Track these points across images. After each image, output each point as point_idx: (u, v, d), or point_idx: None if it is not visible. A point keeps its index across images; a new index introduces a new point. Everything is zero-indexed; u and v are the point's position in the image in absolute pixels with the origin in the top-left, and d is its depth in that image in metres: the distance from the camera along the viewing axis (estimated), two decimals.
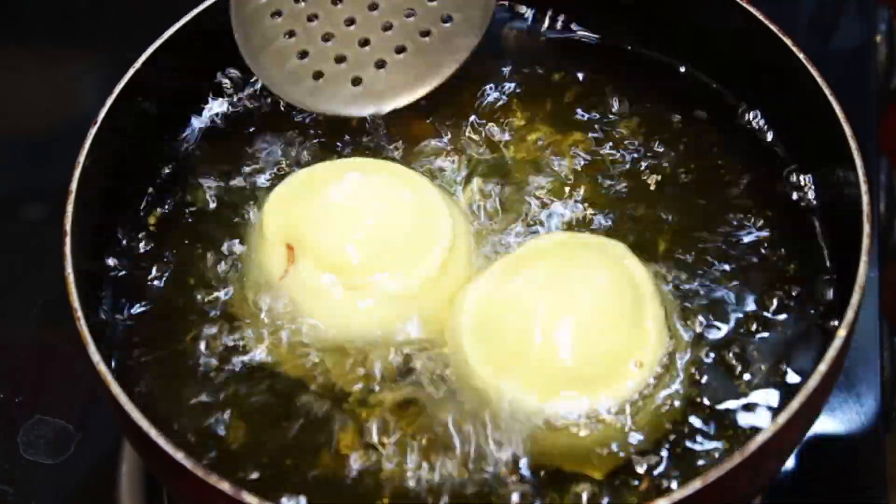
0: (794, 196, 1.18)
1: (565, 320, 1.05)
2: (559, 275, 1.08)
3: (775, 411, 1.05)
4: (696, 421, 1.06)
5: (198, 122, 1.26)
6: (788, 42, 1.15)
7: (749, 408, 1.07)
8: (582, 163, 1.21)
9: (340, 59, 1.21)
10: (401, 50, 1.21)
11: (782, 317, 1.11)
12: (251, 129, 1.26)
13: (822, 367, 0.99)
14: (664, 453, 1.04)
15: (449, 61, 1.20)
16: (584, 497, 1.02)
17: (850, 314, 1.01)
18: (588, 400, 1.04)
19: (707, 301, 1.12)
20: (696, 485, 0.93)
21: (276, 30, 1.21)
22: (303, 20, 1.21)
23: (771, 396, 1.07)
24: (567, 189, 1.19)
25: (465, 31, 1.20)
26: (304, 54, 1.21)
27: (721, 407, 1.06)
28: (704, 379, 1.08)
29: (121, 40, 1.41)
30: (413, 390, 1.08)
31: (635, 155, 1.22)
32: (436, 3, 1.20)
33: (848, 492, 1.27)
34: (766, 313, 1.11)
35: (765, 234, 1.16)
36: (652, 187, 1.20)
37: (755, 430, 0.98)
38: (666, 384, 1.06)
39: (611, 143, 1.23)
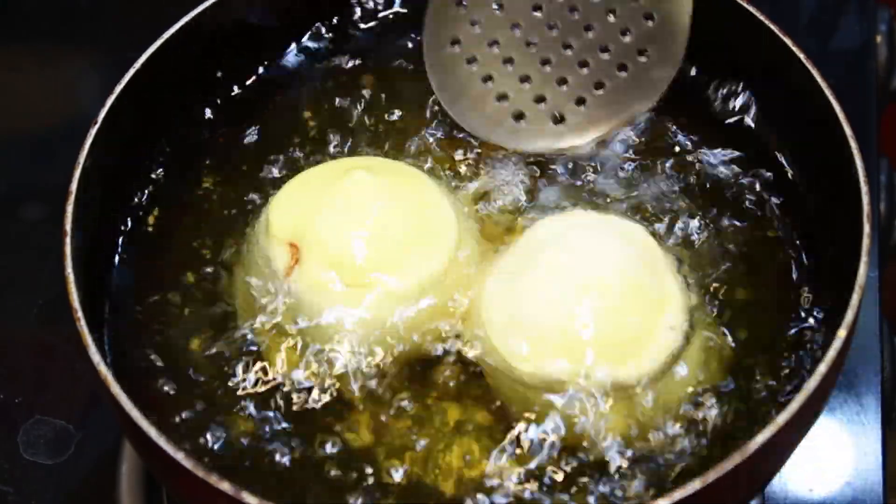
0: (794, 196, 1.18)
1: (596, 300, 1.05)
2: (575, 256, 1.08)
3: (775, 411, 1.05)
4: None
5: (199, 121, 1.26)
6: (788, 42, 1.15)
7: (749, 409, 1.07)
8: (581, 156, 1.21)
9: (540, 100, 1.20)
10: (599, 86, 1.19)
11: (782, 317, 1.11)
12: (254, 127, 1.25)
13: (822, 368, 0.98)
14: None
15: (647, 95, 1.19)
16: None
17: (850, 314, 1.00)
18: (631, 371, 1.04)
19: (706, 302, 1.12)
20: (695, 485, 0.93)
21: (472, 76, 1.20)
22: (498, 64, 1.20)
23: (770, 396, 1.07)
24: (566, 183, 1.20)
25: (662, 63, 1.18)
26: (502, 97, 1.20)
27: (719, 411, 1.07)
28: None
29: (121, 40, 1.38)
30: (423, 387, 1.08)
31: (633, 154, 1.21)
32: (630, 38, 1.18)
33: (848, 492, 1.27)
34: (765, 314, 1.11)
35: (764, 234, 1.16)
36: (648, 187, 1.19)
37: (754, 432, 0.97)
38: (693, 341, 1.08)
39: (611, 142, 1.22)
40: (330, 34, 1.31)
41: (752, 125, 1.23)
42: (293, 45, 1.31)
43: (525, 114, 1.20)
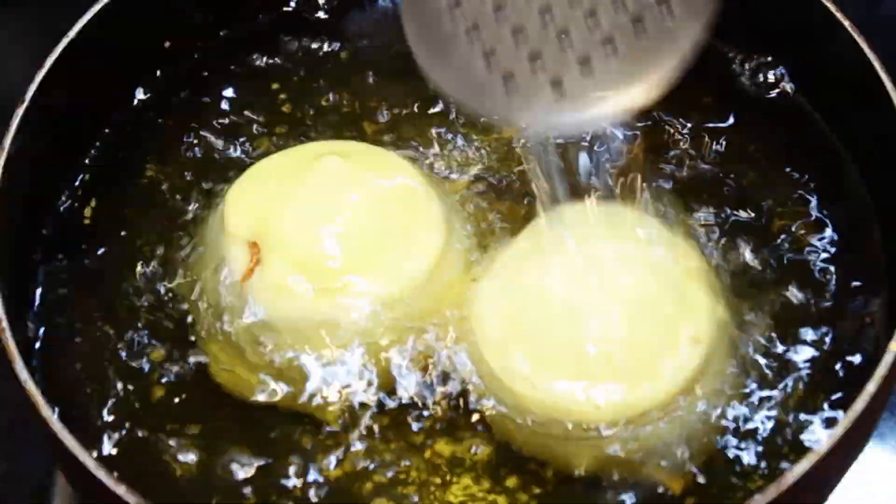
0: (839, 181, 1.15)
1: (607, 310, 1.02)
2: (584, 258, 1.04)
3: (816, 438, 1.01)
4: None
5: (142, 99, 1.23)
6: (832, 7, 1.13)
7: (788, 435, 1.02)
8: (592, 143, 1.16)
9: (535, 57, 1.07)
10: (608, 42, 1.05)
11: (830, 329, 1.07)
12: (208, 105, 1.23)
13: (871, 387, 0.95)
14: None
15: (668, 57, 1.03)
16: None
17: None
18: (647, 394, 0.99)
19: (753, 314, 1.08)
20: None
21: (455, 23, 1.07)
22: (486, 8, 1.05)
23: (812, 420, 1.03)
24: (575, 170, 1.13)
25: (686, 18, 1.03)
26: (490, 52, 1.06)
27: (752, 439, 1.02)
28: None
29: (52, 8, 1.28)
30: (404, 410, 1.04)
31: (665, 131, 1.18)
32: None
33: None
34: (812, 325, 1.07)
35: (813, 237, 1.12)
36: (686, 167, 1.16)
37: (792, 462, 0.93)
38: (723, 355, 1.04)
39: (626, 123, 1.18)
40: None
41: (791, 101, 1.20)
42: (257, 11, 1.28)
43: (516, 74, 1.06)
